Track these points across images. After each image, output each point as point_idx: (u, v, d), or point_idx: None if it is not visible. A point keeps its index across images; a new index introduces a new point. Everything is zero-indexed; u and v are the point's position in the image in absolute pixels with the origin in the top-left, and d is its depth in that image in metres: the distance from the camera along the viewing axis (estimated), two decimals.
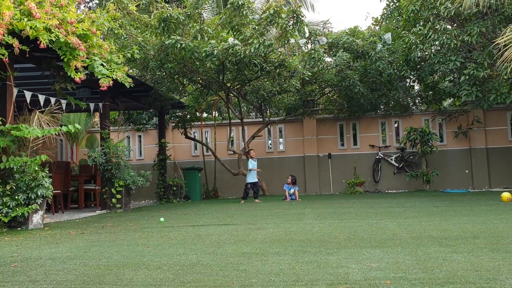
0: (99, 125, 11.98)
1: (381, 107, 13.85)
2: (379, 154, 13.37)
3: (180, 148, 14.32)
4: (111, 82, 6.61)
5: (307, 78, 12.09)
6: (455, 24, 11.02)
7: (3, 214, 6.01)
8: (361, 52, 11.85)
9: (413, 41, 11.02)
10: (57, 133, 6.47)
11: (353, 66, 12.39)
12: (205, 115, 15.73)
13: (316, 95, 13.76)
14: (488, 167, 12.78)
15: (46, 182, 6.31)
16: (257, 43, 9.44)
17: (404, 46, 11.74)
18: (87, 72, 6.56)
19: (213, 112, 14.96)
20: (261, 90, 11.95)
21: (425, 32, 10.74)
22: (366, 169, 13.47)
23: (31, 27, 5.74)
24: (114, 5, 9.55)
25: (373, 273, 2.93)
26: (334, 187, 13.51)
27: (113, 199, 9.17)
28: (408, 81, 13.79)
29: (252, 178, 10.40)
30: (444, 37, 10.43)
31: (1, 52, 5.61)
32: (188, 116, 13.34)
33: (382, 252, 3.59)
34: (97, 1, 17.69)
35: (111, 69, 6.73)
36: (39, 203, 6.32)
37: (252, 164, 10.58)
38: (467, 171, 12.89)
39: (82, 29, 6.19)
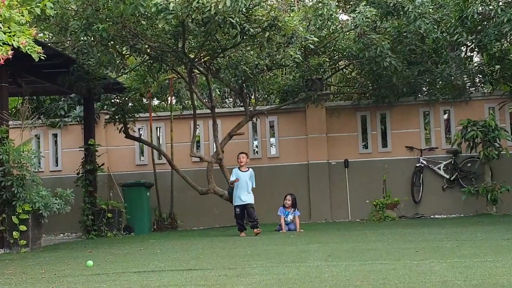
0: None
1: (423, 89, 13.77)
2: (421, 160, 13.42)
3: (118, 153, 14.24)
4: (10, 52, 6.52)
5: (311, 46, 11.85)
6: None
7: None
8: (393, 7, 11.83)
9: None
10: None
11: (381, 27, 12.44)
12: (156, 102, 15.70)
13: (326, 71, 13.67)
14: None
15: None
16: None
17: None
18: None
19: (169, 98, 14.94)
20: (242, 64, 11.87)
21: None
22: (402, 183, 13.52)
23: None
24: None
25: None
26: (354, 210, 13.51)
27: (14, 233, 9.06)
28: (464, 49, 13.84)
29: (242, 197, 10.47)
30: None
31: None
32: (130, 104, 13.24)
33: None
34: None
35: (9, 32, 6.65)
36: None
37: (237, 175, 10.58)
38: None
39: None
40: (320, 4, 11.18)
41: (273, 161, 14.02)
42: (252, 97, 15.78)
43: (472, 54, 14.05)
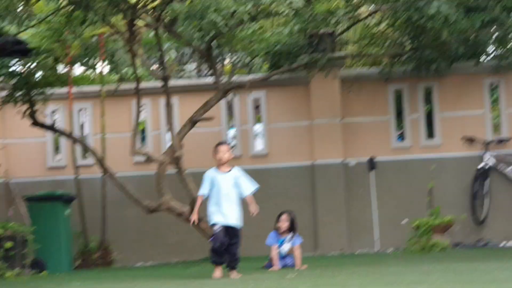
0: None
1: (488, 50, 13.76)
2: (487, 158, 13.39)
3: (20, 149, 14.20)
4: None
5: None
6: None
7: None
8: None
9: None
10: None
11: None
12: (78, 70, 15.56)
13: (340, 22, 13.40)
14: None
15: None
16: None
17: None
18: None
19: (98, 64, 14.67)
20: (211, 12, 11.42)
21: None
22: (457, 193, 13.53)
23: None
24: None
25: None
26: (384, 236, 13.53)
27: None
28: None
29: (226, 212, 9.66)
30: None
31: None
32: (40, 74, 13.16)
33: None
34: None
35: None
36: None
37: (212, 180, 9.84)
38: None
39: None
40: None
41: (259, 162, 13.86)
42: (226, 61, 15.23)
43: None
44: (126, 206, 13.15)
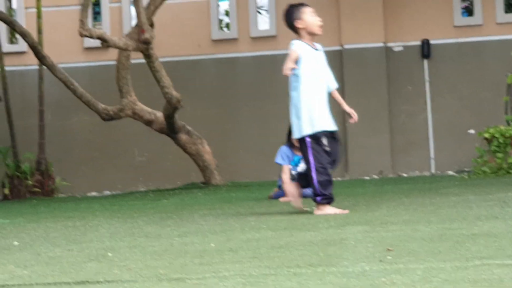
0: None
1: None
2: None
3: None
4: None
5: None
6: None
7: None
8: None
9: None
10: None
11: None
12: None
13: None
14: None
15: None
16: None
17: None
18: None
19: None
20: None
21: None
22: None
23: None
24: None
25: None
26: (441, 153, 13.69)
27: None
28: None
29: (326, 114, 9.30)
30: None
31: None
32: None
33: None
34: None
35: None
36: None
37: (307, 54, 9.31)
38: None
39: None
40: None
41: (263, 46, 13.92)
42: None
43: None
44: (74, 111, 13.43)
